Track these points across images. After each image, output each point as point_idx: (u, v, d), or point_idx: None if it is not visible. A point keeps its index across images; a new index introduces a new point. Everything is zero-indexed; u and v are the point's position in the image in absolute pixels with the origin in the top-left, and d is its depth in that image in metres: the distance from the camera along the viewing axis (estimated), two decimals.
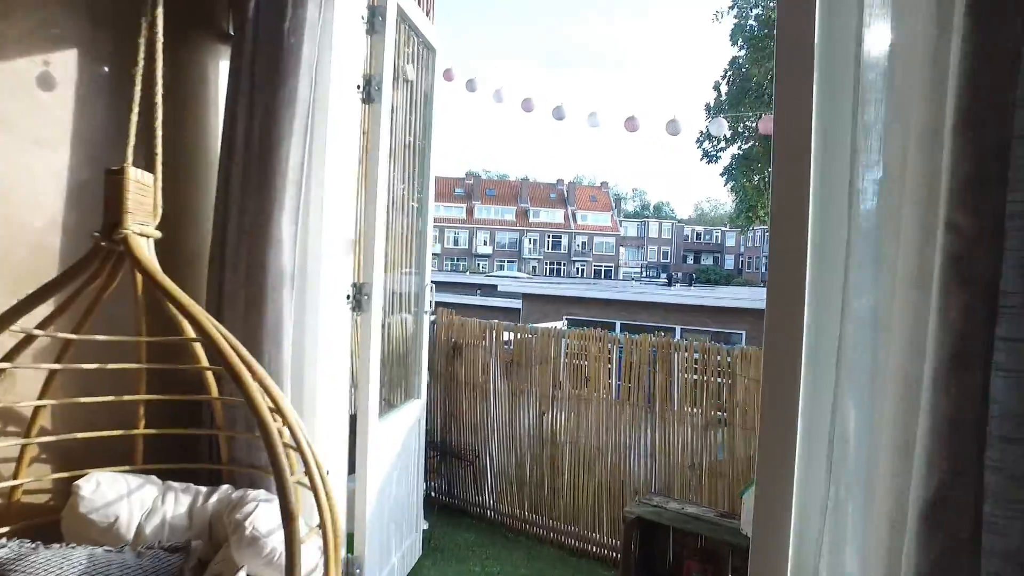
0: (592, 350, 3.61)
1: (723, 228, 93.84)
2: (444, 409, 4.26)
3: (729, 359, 3.16)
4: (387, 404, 3.63)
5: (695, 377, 3.32)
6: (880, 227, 1.35)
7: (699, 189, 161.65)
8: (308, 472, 1.78)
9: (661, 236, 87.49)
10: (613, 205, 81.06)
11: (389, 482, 3.04)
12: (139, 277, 1.96)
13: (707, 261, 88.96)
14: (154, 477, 2.14)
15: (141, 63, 1.86)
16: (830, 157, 1.45)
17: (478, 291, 26.11)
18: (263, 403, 1.66)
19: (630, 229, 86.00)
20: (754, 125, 12.08)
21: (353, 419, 2.72)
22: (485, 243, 72.86)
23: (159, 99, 1.94)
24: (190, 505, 2.10)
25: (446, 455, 4.23)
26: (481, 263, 71.77)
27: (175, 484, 2.15)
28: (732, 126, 12.51)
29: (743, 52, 11.18)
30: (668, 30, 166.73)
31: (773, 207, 1.50)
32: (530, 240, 74.04)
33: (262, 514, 1.93)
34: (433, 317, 4.31)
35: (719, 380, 3.23)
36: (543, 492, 3.85)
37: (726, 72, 11.23)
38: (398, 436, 3.17)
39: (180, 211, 2.60)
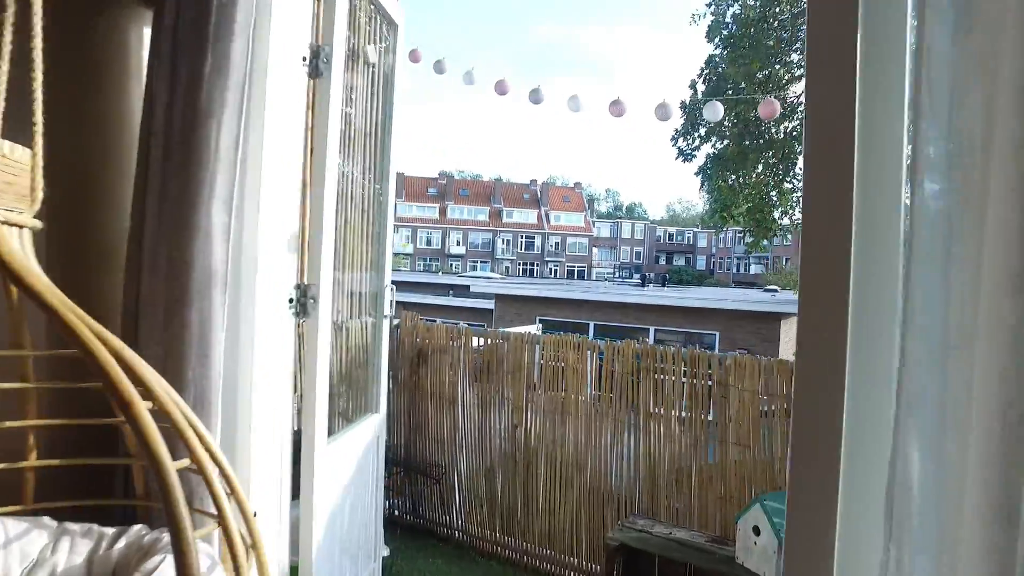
0: (570, 358, 3.30)
1: (695, 229, 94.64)
2: (408, 422, 3.91)
3: (721, 368, 2.87)
4: (343, 419, 3.29)
5: (683, 386, 3.02)
6: (953, 215, 1.06)
7: (671, 190, 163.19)
8: (221, 518, 1.43)
9: (634, 237, 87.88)
10: (586, 206, 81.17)
11: (342, 508, 2.70)
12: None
13: (679, 262, 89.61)
14: (46, 519, 1.76)
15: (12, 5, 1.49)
16: (880, 118, 1.15)
17: (450, 292, 25.70)
18: (155, 432, 1.31)
19: (603, 230, 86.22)
20: (728, 123, 11.94)
21: (299, 436, 2.38)
22: (458, 243, 72.38)
23: (38, 54, 1.57)
24: (90, 553, 1.73)
25: (411, 472, 3.88)
26: (454, 263, 71.27)
27: (73, 526, 1.78)
28: (708, 125, 12.35)
29: (719, 51, 11.02)
30: (645, 34, 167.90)
31: (806, 185, 1.20)
32: (503, 240, 73.74)
33: (169, 570, 1.58)
34: (396, 321, 3.97)
35: (709, 390, 2.94)
36: (516, 511, 3.53)
37: (703, 70, 11.07)
38: (352, 456, 2.82)
39: (95, 199, 2.23)
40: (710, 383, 2.91)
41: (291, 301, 2.32)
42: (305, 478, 2.33)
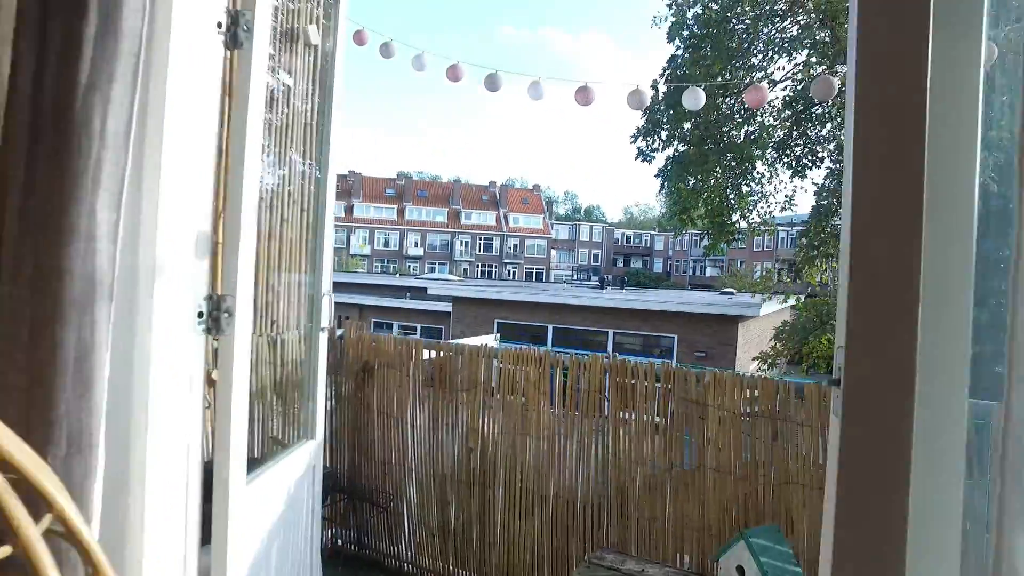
0: (530, 373, 2.98)
1: (652, 232, 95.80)
2: (354, 443, 3.54)
3: (699, 386, 2.60)
4: (278, 446, 2.91)
5: (657, 404, 2.74)
6: None
7: (630, 193, 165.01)
8: None
9: (592, 239, 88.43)
10: (545, 208, 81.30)
11: (267, 551, 2.32)
12: None
13: (637, 264, 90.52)
14: None
15: None
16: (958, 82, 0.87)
17: (407, 294, 25.18)
18: None
19: (561, 232, 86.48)
20: (689, 128, 11.84)
21: (211, 470, 2.00)
22: (416, 245, 71.59)
23: None
24: None
25: (355, 498, 3.51)
26: (412, 265, 70.44)
27: None
28: (668, 129, 12.23)
29: (681, 52, 10.90)
30: (608, 40, 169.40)
31: (856, 184, 0.91)
32: (462, 242, 73.24)
33: None
34: (341, 332, 3.60)
35: (686, 410, 2.66)
36: (472, 541, 3.20)
37: (664, 71, 10.92)
38: (281, 491, 2.45)
39: None
40: (687, 410, 2.62)
41: (201, 315, 1.93)
42: (218, 525, 1.95)
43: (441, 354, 3.27)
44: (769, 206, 12.22)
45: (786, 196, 12.09)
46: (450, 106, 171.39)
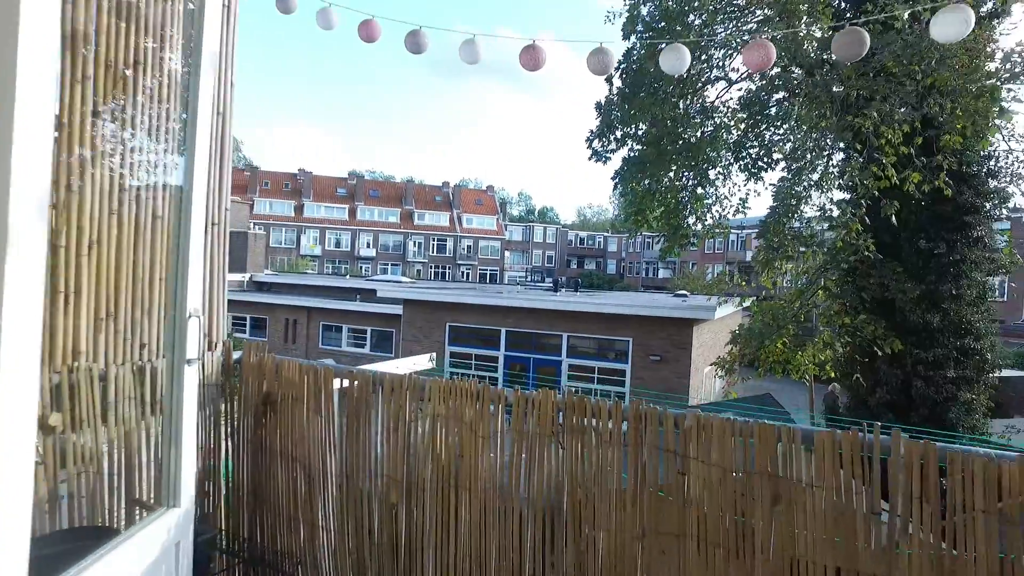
0: (466, 413, 2.38)
1: (606, 234, 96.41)
2: (252, 493, 2.88)
3: (677, 431, 2.04)
4: (141, 508, 2.25)
5: (625, 452, 2.17)
6: None
7: (583, 195, 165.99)
8: None
9: (546, 241, 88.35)
10: (499, 209, 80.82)
11: None
12: None
13: (590, 266, 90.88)
14: None
15: None
16: None
17: (357, 296, 24.28)
18: None
19: (515, 233, 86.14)
20: (644, 128, 11.43)
21: None
22: (368, 245, 70.19)
23: None
24: None
25: (255, 563, 2.85)
26: (364, 266, 69.03)
27: None
28: (623, 128, 11.80)
29: (637, 46, 10.45)
30: (560, 42, 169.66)
31: None
32: (415, 243, 72.16)
33: None
34: (238, 355, 2.94)
35: (661, 460, 2.10)
36: None
37: (620, 65, 10.45)
38: None
39: None
40: (661, 459, 2.06)
41: None
42: None
43: (356, 383, 2.64)
44: (724, 209, 11.91)
45: (740, 199, 11.79)
46: (402, 104, 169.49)
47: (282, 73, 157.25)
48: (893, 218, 8.27)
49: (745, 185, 10.72)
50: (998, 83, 8.43)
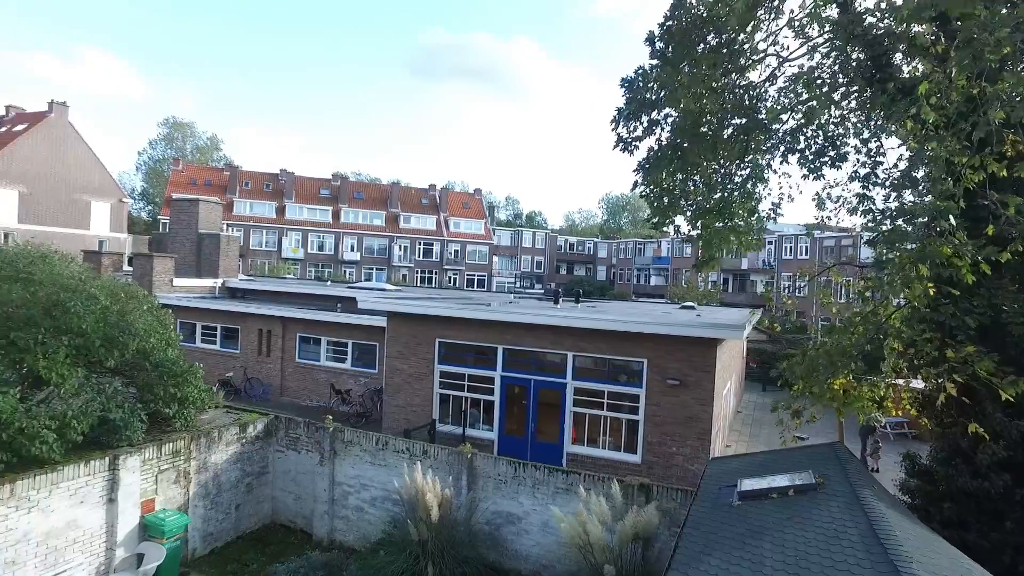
0: None
1: (595, 239, 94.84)
2: None
3: None
4: None
5: None
6: None
7: (571, 199, 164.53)
8: None
9: (535, 246, 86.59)
10: (486, 213, 78.91)
11: None
12: None
13: (580, 272, 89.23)
14: None
15: None
16: None
17: (338, 305, 22.19)
18: None
19: (504, 238, 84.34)
20: (678, 114, 9.51)
21: None
22: (352, 249, 68.01)
23: None
24: None
25: None
26: (348, 270, 66.84)
27: None
28: (652, 112, 9.87)
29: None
30: (536, 45, 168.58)
31: None
32: (400, 247, 70.06)
33: None
34: None
35: None
36: None
37: (665, 20, 8.47)
38: None
39: None
40: None
41: None
42: None
43: None
44: (764, 213, 10.03)
45: (773, 203, 9.91)
46: (387, 106, 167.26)
47: (263, 73, 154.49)
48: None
49: (805, 181, 8.81)
50: None
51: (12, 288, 11.39)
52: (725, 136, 8.81)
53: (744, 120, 8.91)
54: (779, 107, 8.90)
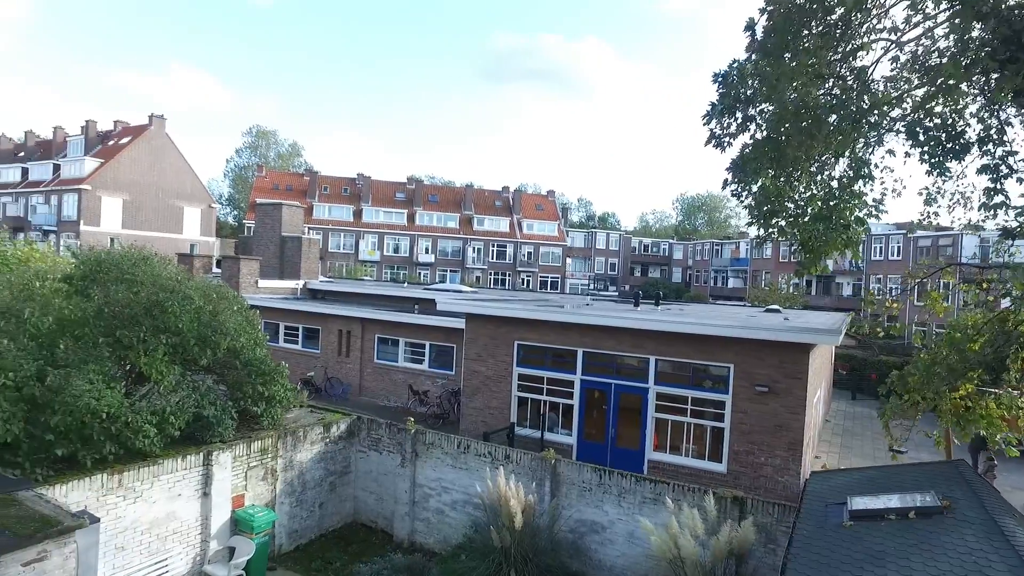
0: None
1: (671, 240, 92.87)
2: None
3: None
4: None
5: None
6: None
7: (645, 200, 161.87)
8: None
9: (608, 247, 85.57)
10: (560, 214, 78.48)
11: None
12: None
13: (654, 273, 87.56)
14: None
15: None
16: None
17: (416, 307, 22.41)
18: None
19: (577, 239, 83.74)
20: (774, 108, 8.96)
21: None
22: (427, 251, 69.06)
23: None
24: None
25: None
26: (423, 272, 67.95)
27: None
28: (748, 107, 9.34)
29: None
30: (607, 44, 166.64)
31: None
32: (474, 249, 70.61)
33: None
34: None
35: None
36: None
37: (761, 12, 7.97)
38: None
39: None
40: None
41: None
42: None
43: None
44: (866, 211, 9.28)
45: (874, 200, 9.15)
46: (457, 109, 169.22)
47: (337, 79, 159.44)
48: None
49: (931, 176, 8.08)
50: None
51: (118, 289, 11.95)
52: (829, 129, 8.19)
53: (852, 110, 8.26)
54: (892, 93, 8.22)
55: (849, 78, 8.18)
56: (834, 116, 8.04)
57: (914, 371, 8.04)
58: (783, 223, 9.57)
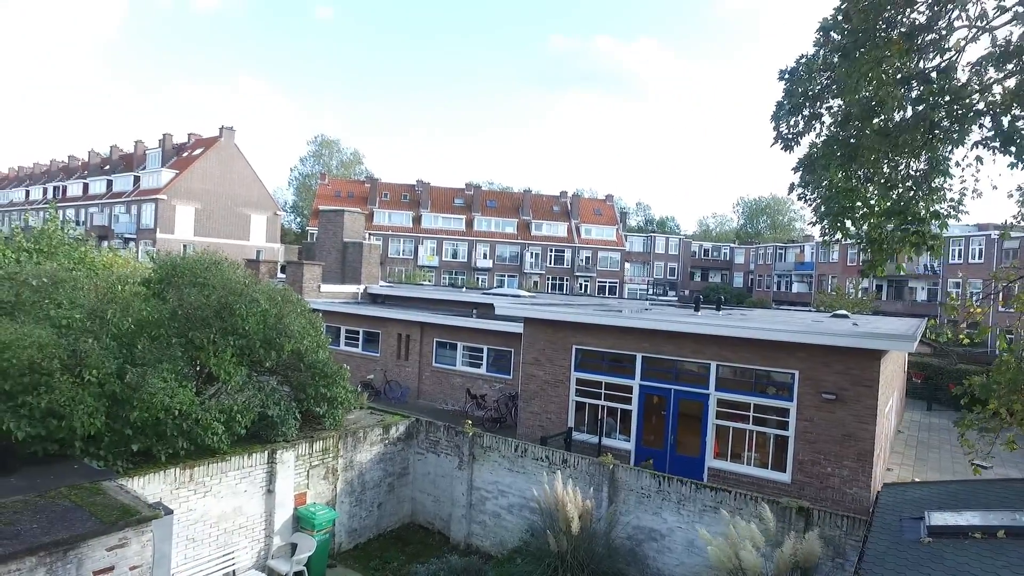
0: None
1: (732, 244, 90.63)
2: None
3: None
4: None
5: None
6: None
7: (704, 204, 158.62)
8: None
9: (668, 252, 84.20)
10: (618, 219, 77.72)
11: None
12: None
13: (715, 278, 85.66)
14: None
15: None
16: None
17: (474, 311, 22.57)
18: None
19: (635, 244, 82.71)
20: (842, 105, 8.61)
21: None
22: (485, 256, 69.52)
23: None
24: None
25: None
26: (481, 277, 68.42)
27: None
28: (817, 104, 9.03)
29: None
30: (662, 46, 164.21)
31: None
32: (531, 254, 70.64)
33: None
34: None
35: None
36: None
37: (835, 12, 7.67)
38: None
39: None
40: None
41: None
42: None
43: None
44: (945, 210, 8.79)
45: (953, 199, 8.65)
46: (512, 113, 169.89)
47: (395, 87, 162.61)
48: None
49: (1014, 172, 7.58)
50: None
51: (191, 292, 12.50)
52: (905, 126, 7.80)
53: (931, 106, 7.86)
54: (975, 86, 7.78)
55: (927, 73, 7.77)
56: (910, 116, 7.66)
57: (999, 378, 7.55)
58: (851, 224, 9.18)
